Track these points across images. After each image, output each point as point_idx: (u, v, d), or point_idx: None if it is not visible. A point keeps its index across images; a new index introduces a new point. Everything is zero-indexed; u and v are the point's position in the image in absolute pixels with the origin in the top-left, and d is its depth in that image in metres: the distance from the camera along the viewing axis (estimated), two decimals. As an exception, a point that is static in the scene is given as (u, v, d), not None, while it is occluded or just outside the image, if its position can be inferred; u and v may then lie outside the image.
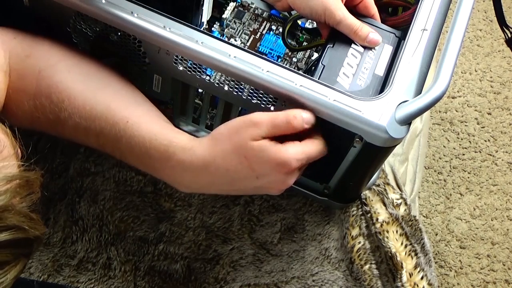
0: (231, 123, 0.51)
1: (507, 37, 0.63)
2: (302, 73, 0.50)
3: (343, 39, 0.57)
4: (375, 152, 0.52)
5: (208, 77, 0.54)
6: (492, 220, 1.28)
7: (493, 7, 0.61)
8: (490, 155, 1.36)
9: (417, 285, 0.63)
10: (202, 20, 0.70)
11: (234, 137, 0.50)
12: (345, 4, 0.59)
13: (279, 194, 0.54)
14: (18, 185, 0.38)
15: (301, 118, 0.49)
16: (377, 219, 0.65)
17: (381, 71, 0.56)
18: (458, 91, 1.44)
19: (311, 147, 0.51)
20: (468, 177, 1.33)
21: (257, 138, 0.49)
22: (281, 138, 0.50)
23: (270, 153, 0.49)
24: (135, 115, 0.53)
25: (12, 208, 0.36)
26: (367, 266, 0.64)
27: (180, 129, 0.63)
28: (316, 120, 0.51)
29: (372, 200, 0.66)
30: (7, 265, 0.36)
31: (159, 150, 0.52)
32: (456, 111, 1.42)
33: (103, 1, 0.51)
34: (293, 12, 0.67)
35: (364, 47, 0.57)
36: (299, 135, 0.51)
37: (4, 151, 0.39)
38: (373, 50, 0.57)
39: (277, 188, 0.53)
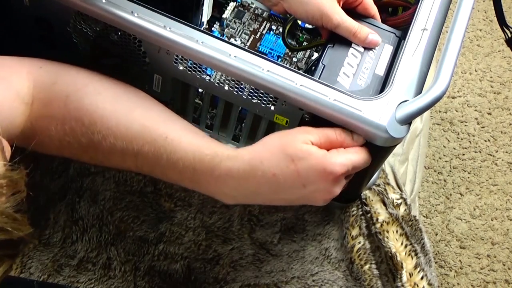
0: (282, 131, 0.52)
1: (507, 37, 0.63)
2: (302, 72, 0.50)
3: (343, 39, 0.57)
4: (375, 152, 0.52)
5: (208, 77, 0.54)
6: (492, 220, 1.28)
7: (493, 7, 0.61)
8: (490, 155, 1.36)
9: (417, 285, 0.63)
10: (202, 20, 0.70)
11: (284, 139, 0.50)
12: (344, 6, 0.59)
13: (323, 204, 0.54)
14: (1, 185, 0.37)
15: (351, 135, 0.51)
16: (377, 219, 0.65)
17: (381, 71, 0.56)
18: (458, 91, 1.44)
19: (357, 156, 0.51)
20: (468, 177, 1.33)
21: (306, 142, 0.50)
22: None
23: (317, 157, 0.49)
24: (173, 131, 0.52)
25: None
26: (367, 266, 0.64)
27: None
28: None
29: (372, 200, 0.66)
30: None
31: (204, 161, 0.51)
32: (456, 111, 1.42)
33: (103, 0, 0.51)
34: (293, 12, 0.67)
35: (364, 47, 0.57)
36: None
37: None
38: (373, 50, 0.57)
39: (322, 198, 0.52)
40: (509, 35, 0.63)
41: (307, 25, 0.72)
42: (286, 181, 0.50)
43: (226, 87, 0.53)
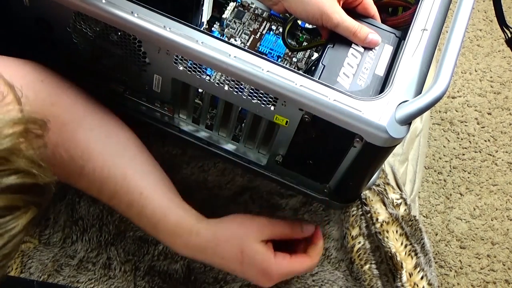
0: (243, 218, 0.58)
1: (507, 37, 0.63)
2: (302, 73, 0.50)
3: (344, 39, 0.57)
4: (375, 152, 0.52)
5: (208, 77, 0.54)
6: (492, 220, 1.28)
7: (493, 7, 0.61)
8: (490, 155, 1.36)
9: (417, 285, 0.63)
10: (202, 20, 0.70)
11: (242, 230, 0.57)
12: (344, 6, 0.59)
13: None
14: (24, 129, 0.37)
15: (302, 228, 0.60)
16: (377, 219, 0.65)
17: (381, 71, 0.56)
18: (458, 91, 1.44)
19: (300, 266, 0.59)
20: (468, 177, 1.33)
21: (259, 240, 0.57)
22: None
23: (262, 259, 0.56)
24: (148, 187, 0.57)
25: (19, 152, 0.36)
26: (367, 266, 0.64)
27: (180, 129, 0.64)
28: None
29: (372, 200, 0.66)
30: (17, 211, 0.36)
31: (167, 227, 0.57)
32: (456, 111, 1.42)
33: (103, 1, 0.51)
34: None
35: (364, 47, 0.57)
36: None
37: (7, 97, 0.39)
38: (373, 50, 0.57)
39: (255, 283, 0.59)
40: (509, 35, 0.63)
41: (307, 25, 0.72)
42: (230, 266, 0.57)
43: (226, 87, 0.53)
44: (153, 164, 0.60)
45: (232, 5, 0.73)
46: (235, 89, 0.53)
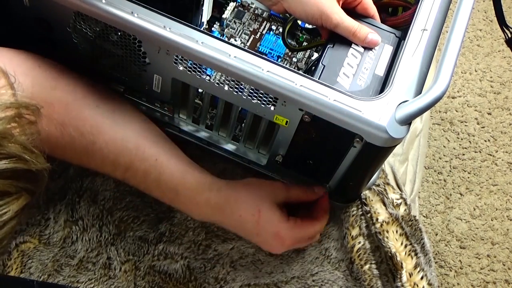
0: (261, 180, 0.60)
1: (507, 37, 0.63)
2: (302, 73, 0.50)
3: (343, 39, 0.57)
4: (375, 152, 0.52)
5: (208, 77, 0.54)
6: (492, 220, 1.28)
7: (493, 7, 0.61)
8: (490, 155, 1.36)
9: (417, 285, 0.63)
10: (202, 20, 0.70)
11: (261, 190, 0.58)
12: (343, 6, 0.59)
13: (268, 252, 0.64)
14: (17, 114, 0.37)
15: (315, 191, 0.61)
16: (377, 219, 0.65)
17: (381, 71, 0.56)
18: (458, 91, 1.44)
19: (313, 229, 0.60)
20: (468, 177, 1.33)
21: (277, 201, 0.58)
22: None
23: (278, 221, 0.57)
24: (162, 153, 0.58)
25: (11, 137, 0.36)
26: (367, 266, 0.64)
27: (180, 129, 0.64)
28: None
29: (372, 200, 0.66)
30: (8, 197, 0.36)
31: (188, 187, 0.57)
32: (456, 111, 1.42)
33: (103, 1, 0.51)
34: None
35: (364, 47, 0.57)
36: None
37: (0, 82, 0.39)
38: (373, 50, 0.57)
39: (266, 248, 0.61)
40: (509, 35, 0.63)
41: (307, 25, 0.72)
42: (246, 224, 0.58)
43: (226, 88, 0.53)
44: (162, 134, 0.60)
45: (232, 5, 0.73)
46: (235, 89, 0.53)
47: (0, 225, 0.35)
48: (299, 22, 0.72)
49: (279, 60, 0.71)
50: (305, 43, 0.72)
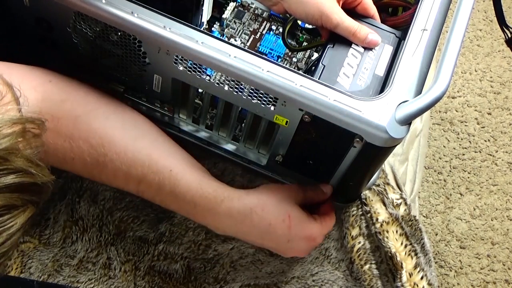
0: (278, 185, 0.59)
1: (507, 37, 0.63)
2: (302, 73, 0.50)
3: (344, 39, 0.57)
4: (375, 152, 0.52)
5: (208, 77, 0.54)
6: (492, 220, 1.28)
7: (493, 7, 0.61)
8: (490, 155, 1.36)
9: (417, 285, 0.63)
10: (202, 20, 0.70)
11: (283, 196, 0.57)
12: (343, 6, 0.59)
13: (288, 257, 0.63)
14: (23, 129, 0.37)
15: (324, 191, 0.61)
16: (377, 219, 0.65)
17: (381, 71, 0.56)
18: (458, 91, 1.44)
19: (330, 225, 0.60)
20: (468, 177, 1.33)
21: (298, 202, 0.57)
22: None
23: (308, 221, 0.57)
24: (177, 164, 0.56)
25: (18, 152, 0.36)
26: (367, 266, 0.64)
27: (180, 129, 0.64)
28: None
29: (372, 200, 0.66)
30: (16, 210, 0.36)
31: (206, 198, 0.55)
32: (456, 111, 1.42)
33: (103, 1, 0.51)
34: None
35: (364, 48, 0.57)
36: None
37: (6, 97, 0.39)
38: (373, 50, 0.57)
39: (294, 254, 0.60)
40: (509, 35, 0.63)
41: (307, 25, 0.72)
42: (277, 232, 0.55)
43: (226, 88, 0.53)
44: (175, 145, 0.59)
45: (232, 5, 0.73)
46: (235, 89, 0.53)
47: (8, 238, 0.35)
48: (299, 22, 0.72)
49: (279, 60, 0.71)
50: (305, 43, 0.72)
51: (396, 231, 0.65)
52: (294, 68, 0.70)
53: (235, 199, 0.55)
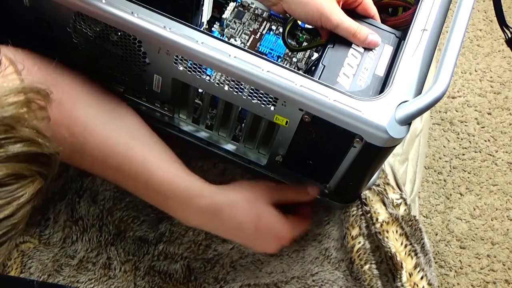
0: (253, 182, 0.59)
1: (507, 37, 0.63)
2: (302, 73, 0.50)
3: (344, 39, 0.57)
4: (375, 152, 0.52)
5: (208, 77, 0.54)
6: (492, 220, 1.28)
7: (493, 7, 0.61)
8: (490, 155, 1.36)
9: (417, 285, 0.63)
10: (202, 20, 0.70)
11: (255, 193, 0.57)
12: (344, 7, 0.59)
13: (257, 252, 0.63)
14: (27, 99, 0.37)
15: (308, 192, 0.60)
16: (377, 219, 0.65)
17: (381, 71, 0.56)
18: (458, 91, 1.44)
19: (303, 226, 0.61)
20: (468, 177, 1.33)
21: (272, 202, 0.57)
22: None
23: (277, 222, 0.57)
24: (152, 156, 0.56)
25: (24, 121, 0.36)
26: (367, 266, 0.64)
27: (180, 129, 0.64)
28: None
29: (372, 200, 0.66)
30: (24, 180, 0.36)
31: (178, 192, 0.56)
32: (456, 111, 1.42)
33: (103, 1, 0.51)
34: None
35: (365, 48, 0.57)
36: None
37: (8, 68, 0.39)
38: (373, 50, 0.57)
39: (262, 250, 0.61)
40: (509, 35, 0.63)
41: (307, 25, 0.72)
42: (245, 230, 0.57)
43: (226, 88, 0.53)
44: (155, 137, 0.59)
45: (232, 5, 0.73)
46: (235, 89, 0.53)
47: (18, 208, 0.35)
48: (299, 22, 0.72)
49: (279, 60, 0.71)
50: (305, 43, 0.72)
51: (396, 231, 0.65)
52: (294, 68, 0.70)
53: (205, 196, 0.56)
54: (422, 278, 0.63)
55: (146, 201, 0.59)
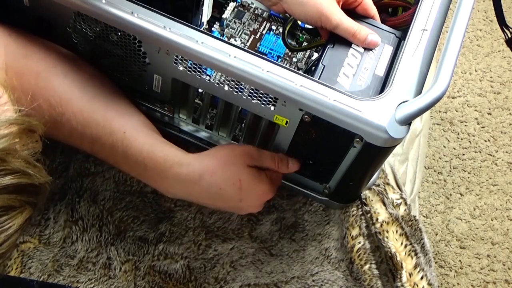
0: (230, 147, 0.58)
1: (507, 37, 0.63)
2: (302, 73, 0.50)
3: (343, 39, 0.57)
4: (375, 152, 0.52)
5: (208, 77, 0.54)
6: (492, 220, 1.28)
7: (493, 7, 0.61)
8: (490, 155, 1.36)
9: (417, 285, 0.63)
10: (202, 20, 0.70)
11: (233, 157, 0.56)
12: (344, 7, 0.59)
13: (242, 214, 0.64)
14: (20, 130, 0.38)
15: (288, 165, 0.59)
16: (377, 219, 0.65)
17: (381, 71, 0.56)
18: (458, 91, 1.44)
19: (279, 179, 0.61)
20: (468, 177, 1.33)
21: (251, 164, 0.57)
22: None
23: (261, 181, 0.57)
24: (131, 126, 0.56)
25: (15, 153, 0.36)
26: (367, 266, 0.64)
27: (180, 129, 0.64)
28: None
29: (372, 200, 0.66)
30: (13, 211, 0.36)
31: (156, 162, 0.55)
32: (456, 111, 1.42)
33: (103, 1, 0.51)
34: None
35: (365, 48, 0.57)
36: None
37: (2, 98, 0.39)
38: (373, 50, 0.57)
39: (248, 211, 0.60)
40: (509, 35, 0.63)
41: (307, 25, 0.72)
42: (228, 195, 0.56)
43: (226, 88, 0.53)
44: (133, 107, 0.59)
45: (232, 5, 0.73)
46: (235, 89, 0.53)
47: (6, 239, 0.35)
48: (299, 22, 0.72)
49: (279, 60, 0.71)
50: (305, 43, 0.72)
51: (396, 231, 0.65)
52: (294, 68, 0.70)
53: (184, 165, 0.55)
54: (422, 278, 0.63)
55: (124, 171, 0.58)
